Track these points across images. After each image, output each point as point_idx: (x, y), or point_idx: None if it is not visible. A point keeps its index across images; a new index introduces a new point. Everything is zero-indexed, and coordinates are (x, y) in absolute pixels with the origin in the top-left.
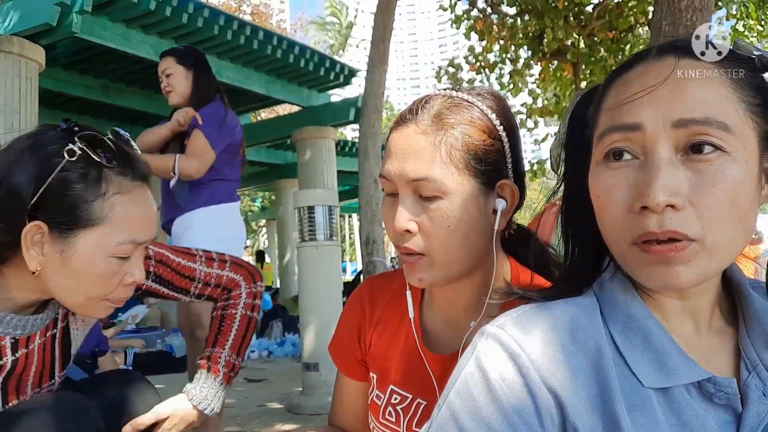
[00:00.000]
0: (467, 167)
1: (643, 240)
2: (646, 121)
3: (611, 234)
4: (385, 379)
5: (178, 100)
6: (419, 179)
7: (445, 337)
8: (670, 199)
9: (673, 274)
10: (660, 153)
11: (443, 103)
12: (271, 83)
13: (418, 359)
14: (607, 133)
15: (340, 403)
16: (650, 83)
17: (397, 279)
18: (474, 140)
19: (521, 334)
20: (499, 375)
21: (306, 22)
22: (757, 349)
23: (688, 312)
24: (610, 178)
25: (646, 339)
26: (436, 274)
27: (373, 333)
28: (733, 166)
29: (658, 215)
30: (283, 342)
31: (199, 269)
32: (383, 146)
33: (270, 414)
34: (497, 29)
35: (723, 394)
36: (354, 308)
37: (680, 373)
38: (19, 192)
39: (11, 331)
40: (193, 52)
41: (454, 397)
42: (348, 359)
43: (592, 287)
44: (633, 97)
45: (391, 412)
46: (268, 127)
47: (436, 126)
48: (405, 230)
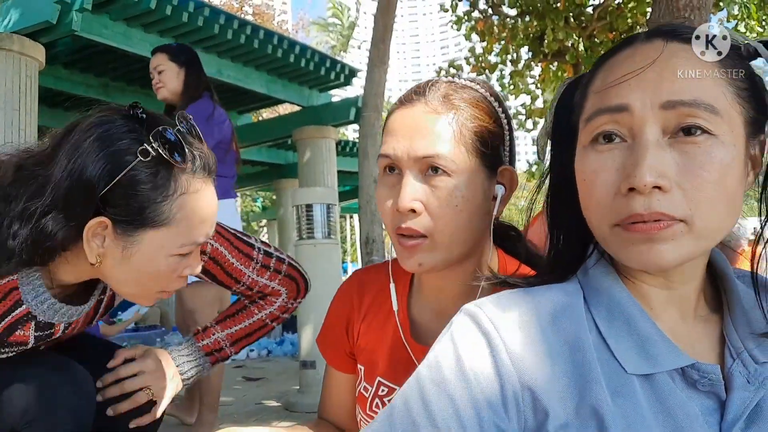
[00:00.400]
0: (474, 149)
1: (630, 222)
2: (633, 103)
3: (596, 217)
4: (373, 371)
5: (167, 95)
6: (429, 156)
7: (434, 328)
8: (657, 181)
9: (655, 252)
10: (648, 134)
11: (449, 86)
12: (272, 83)
13: (405, 351)
14: (595, 116)
15: (329, 396)
16: (638, 65)
17: (386, 271)
18: (481, 122)
19: (498, 315)
20: (469, 353)
21: (308, 23)
22: (741, 336)
23: (673, 300)
24: (597, 160)
25: (630, 325)
26: (437, 257)
27: (362, 325)
28: (721, 149)
29: (645, 197)
30: (283, 341)
31: (249, 275)
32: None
33: (267, 412)
34: (498, 30)
35: (707, 380)
36: (342, 301)
37: (664, 360)
38: (90, 185)
39: (66, 319)
40: (186, 49)
41: (424, 368)
42: (336, 352)
43: (576, 274)
44: (621, 79)
45: (378, 404)
46: (269, 126)
47: (446, 106)
48: (410, 209)
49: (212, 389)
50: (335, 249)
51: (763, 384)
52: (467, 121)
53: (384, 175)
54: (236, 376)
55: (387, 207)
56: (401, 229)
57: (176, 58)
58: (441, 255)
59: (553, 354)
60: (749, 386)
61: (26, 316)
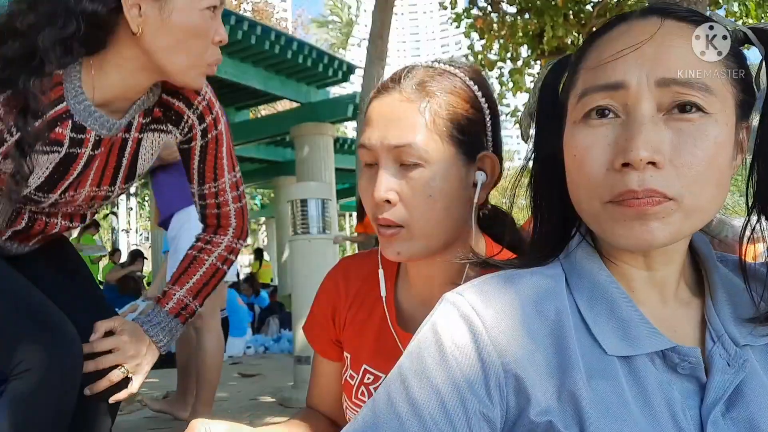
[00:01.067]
0: (450, 136)
1: (623, 198)
2: (630, 79)
3: (586, 193)
4: (359, 358)
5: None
6: (402, 146)
7: (420, 316)
8: (652, 156)
9: (647, 229)
10: (643, 110)
11: (426, 72)
12: (270, 79)
13: (391, 339)
14: (590, 92)
15: (316, 384)
16: (636, 40)
17: (373, 259)
18: (457, 109)
19: (479, 301)
20: (451, 340)
21: (307, 20)
22: (722, 319)
23: (654, 283)
24: (590, 135)
25: (611, 307)
26: (415, 247)
27: (348, 313)
28: (715, 127)
29: (639, 173)
30: (279, 338)
31: (226, 180)
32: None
33: (261, 407)
34: (497, 27)
35: (687, 363)
36: (328, 288)
37: (644, 342)
38: None
39: (98, 129)
40: None
41: (405, 358)
42: (322, 339)
43: (559, 257)
44: (617, 55)
45: (364, 392)
46: (266, 123)
47: (420, 93)
48: (385, 200)
49: (208, 385)
50: (330, 245)
51: (743, 367)
52: (441, 109)
53: (364, 167)
54: (232, 373)
55: (366, 198)
56: (379, 220)
57: None
58: (418, 245)
59: (536, 339)
60: (729, 369)
61: (65, 113)
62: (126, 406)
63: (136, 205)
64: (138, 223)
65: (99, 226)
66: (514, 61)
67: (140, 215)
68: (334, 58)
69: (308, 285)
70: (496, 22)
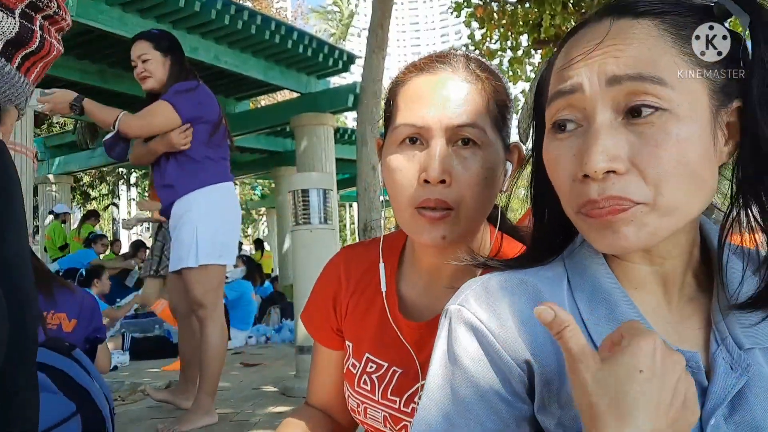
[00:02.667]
0: (496, 121)
1: (586, 209)
2: (583, 82)
3: (563, 203)
4: (361, 347)
5: (153, 85)
6: (465, 125)
7: (423, 304)
8: (610, 165)
9: (619, 236)
10: (599, 117)
11: (466, 58)
12: (270, 69)
13: (393, 328)
14: (553, 99)
15: (316, 375)
16: (588, 45)
17: (374, 249)
18: (501, 96)
19: (482, 310)
20: (466, 354)
21: (307, 11)
22: (727, 321)
23: (658, 277)
24: (557, 148)
25: (611, 310)
26: (459, 230)
27: (350, 301)
28: (676, 124)
29: (598, 183)
30: (281, 328)
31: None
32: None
33: (263, 396)
34: (497, 17)
35: (687, 368)
36: (329, 277)
37: None
38: None
39: None
40: (166, 35)
41: (433, 386)
42: (323, 328)
43: (562, 255)
44: (571, 62)
45: (366, 381)
46: (267, 113)
47: (473, 75)
48: (440, 180)
49: (211, 375)
50: (332, 235)
51: (746, 371)
52: (492, 92)
53: (402, 146)
54: (234, 362)
55: (406, 179)
56: (427, 201)
57: (160, 45)
58: (463, 228)
59: (541, 337)
60: (732, 373)
61: None
62: (129, 396)
63: (137, 195)
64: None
65: (99, 216)
66: (514, 51)
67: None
68: (335, 48)
69: (310, 275)
70: (496, 11)
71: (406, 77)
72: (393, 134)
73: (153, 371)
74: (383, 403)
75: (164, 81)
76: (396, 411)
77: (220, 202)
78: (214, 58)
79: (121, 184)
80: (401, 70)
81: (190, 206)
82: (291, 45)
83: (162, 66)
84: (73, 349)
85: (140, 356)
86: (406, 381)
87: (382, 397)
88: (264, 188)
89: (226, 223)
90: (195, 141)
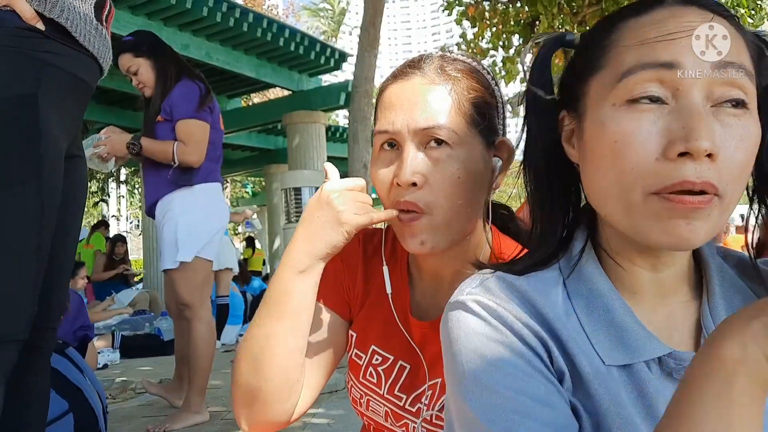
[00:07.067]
0: (473, 120)
1: (676, 190)
2: (686, 61)
3: (628, 182)
4: (367, 339)
5: (152, 93)
6: (431, 127)
7: (431, 304)
8: (712, 147)
9: (691, 228)
10: (697, 98)
11: (442, 58)
12: (261, 67)
13: (399, 325)
14: (638, 70)
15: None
16: (689, 25)
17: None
18: (477, 93)
19: (485, 293)
20: (485, 339)
21: (298, 8)
22: (717, 323)
23: (657, 284)
24: (636, 120)
25: (609, 315)
26: (438, 235)
27: (363, 285)
28: (754, 125)
29: (696, 164)
30: None
31: None
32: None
33: None
34: (489, 16)
35: (682, 368)
36: (351, 253)
37: (641, 349)
38: None
39: None
40: (142, 38)
41: (458, 387)
42: (334, 290)
43: (559, 259)
44: (671, 36)
45: (372, 373)
46: (259, 111)
47: (443, 77)
48: (411, 183)
49: (201, 373)
50: None
51: None
52: (465, 92)
53: (381, 151)
54: (225, 360)
55: (385, 183)
56: (400, 204)
57: (140, 51)
58: (442, 232)
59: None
60: None
61: None
62: (120, 394)
63: (126, 192)
64: (129, 211)
65: (108, 225)
66: (506, 50)
67: (131, 203)
68: (327, 45)
69: None
70: (488, 10)
71: (385, 85)
72: (375, 141)
73: (144, 369)
74: (388, 399)
75: (154, 83)
76: (400, 408)
77: (202, 199)
78: (205, 56)
79: (111, 181)
80: (384, 78)
81: (172, 204)
82: (283, 42)
83: (150, 71)
84: (67, 347)
85: (130, 353)
86: (416, 380)
87: (389, 393)
88: (255, 186)
89: (208, 220)
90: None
